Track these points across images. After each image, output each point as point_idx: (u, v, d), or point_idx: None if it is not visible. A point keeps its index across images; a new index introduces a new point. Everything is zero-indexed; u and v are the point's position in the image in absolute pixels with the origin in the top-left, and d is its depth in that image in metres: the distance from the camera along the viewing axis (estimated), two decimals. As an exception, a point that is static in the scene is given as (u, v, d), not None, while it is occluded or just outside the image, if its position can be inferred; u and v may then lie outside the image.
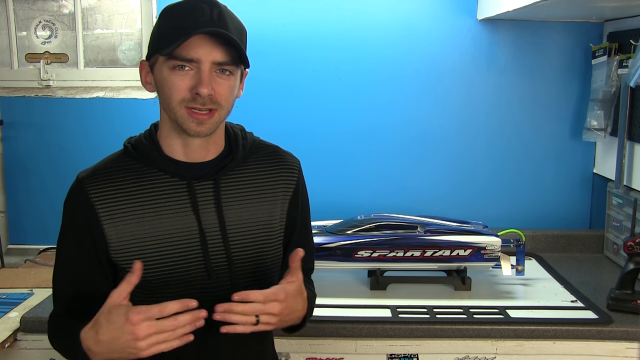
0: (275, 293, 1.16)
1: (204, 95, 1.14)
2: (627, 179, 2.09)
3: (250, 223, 1.28)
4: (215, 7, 1.16)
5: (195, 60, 1.14)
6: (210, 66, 1.15)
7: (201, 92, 1.14)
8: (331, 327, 1.69)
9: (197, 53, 1.13)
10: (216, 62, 1.15)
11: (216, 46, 1.14)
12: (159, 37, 1.17)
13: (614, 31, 2.18)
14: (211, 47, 1.14)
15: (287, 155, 1.37)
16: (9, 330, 1.69)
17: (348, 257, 1.86)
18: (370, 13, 2.27)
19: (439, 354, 1.68)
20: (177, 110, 1.17)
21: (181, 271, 1.23)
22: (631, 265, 1.77)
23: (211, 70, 1.15)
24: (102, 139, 2.28)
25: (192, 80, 1.15)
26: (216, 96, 1.16)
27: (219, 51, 1.15)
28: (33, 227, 2.37)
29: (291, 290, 1.19)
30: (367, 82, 2.30)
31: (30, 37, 2.36)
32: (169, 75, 1.16)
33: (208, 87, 1.14)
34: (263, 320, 1.14)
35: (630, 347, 1.66)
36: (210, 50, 1.14)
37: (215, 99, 1.16)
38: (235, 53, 1.16)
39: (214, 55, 1.14)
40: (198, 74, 1.14)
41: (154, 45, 1.19)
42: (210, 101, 1.16)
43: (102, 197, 1.21)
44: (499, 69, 2.30)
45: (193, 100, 1.15)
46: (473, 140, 2.34)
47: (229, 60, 1.16)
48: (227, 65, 1.16)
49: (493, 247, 1.87)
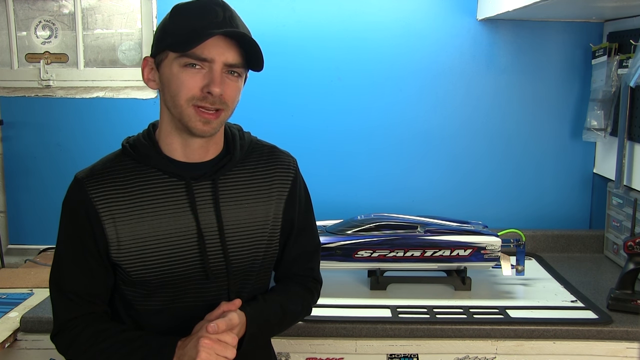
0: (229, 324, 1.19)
1: (216, 95, 1.16)
2: (627, 179, 2.09)
3: (247, 223, 1.28)
4: (227, 10, 1.19)
5: (209, 60, 1.16)
6: (222, 67, 1.17)
7: (213, 91, 1.15)
8: (331, 327, 1.69)
9: (211, 53, 1.15)
10: (228, 64, 1.17)
11: (229, 48, 1.16)
12: (172, 35, 1.17)
13: (614, 31, 2.18)
14: (224, 48, 1.16)
15: (283, 154, 1.37)
16: (9, 330, 1.69)
17: (348, 257, 1.86)
18: (370, 13, 2.27)
19: (439, 354, 1.68)
20: (184, 107, 1.18)
21: (179, 271, 1.24)
22: (631, 265, 1.77)
23: (222, 71, 1.17)
24: (102, 139, 2.28)
25: (203, 79, 1.16)
26: (224, 96, 1.18)
27: (232, 53, 1.17)
28: (33, 227, 2.37)
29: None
30: (367, 82, 2.30)
31: (30, 37, 2.36)
32: (179, 72, 1.17)
33: (220, 86, 1.16)
34: None
35: (630, 347, 1.66)
36: (223, 51, 1.16)
37: (223, 99, 1.18)
38: (244, 56, 1.19)
39: (227, 56, 1.16)
40: (210, 73, 1.16)
41: (164, 42, 1.18)
42: (219, 101, 1.17)
43: (102, 197, 1.21)
44: (499, 69, 2.30)
45: (203, 99, 1.17)
46: (473, 140, 2.34)
47: (239, 62, 1.18)
48: (237, 67, 1.19)
49: (493, 247, 1.87)
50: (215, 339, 1.14)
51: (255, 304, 1.28)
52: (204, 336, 1.14)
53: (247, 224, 1.28)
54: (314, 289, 1.43)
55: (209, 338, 1.13)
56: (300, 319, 1.48)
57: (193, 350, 1.13)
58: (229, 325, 1.17)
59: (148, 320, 1.27)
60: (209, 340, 1.13)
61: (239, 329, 1.20)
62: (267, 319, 1.29)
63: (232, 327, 1.18)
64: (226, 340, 1.15)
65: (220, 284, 1.27)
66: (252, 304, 1.28)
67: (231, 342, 1.16)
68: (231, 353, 1.15)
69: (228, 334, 1.16)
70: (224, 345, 1.14)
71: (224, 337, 1.15)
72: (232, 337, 1.17)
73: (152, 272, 1.22)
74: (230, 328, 1.17)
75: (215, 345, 1.13)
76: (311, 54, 2.28)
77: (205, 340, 1.13)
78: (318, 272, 1.46)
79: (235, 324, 1.19)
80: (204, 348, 1.12)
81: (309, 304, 1.42)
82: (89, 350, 1.21)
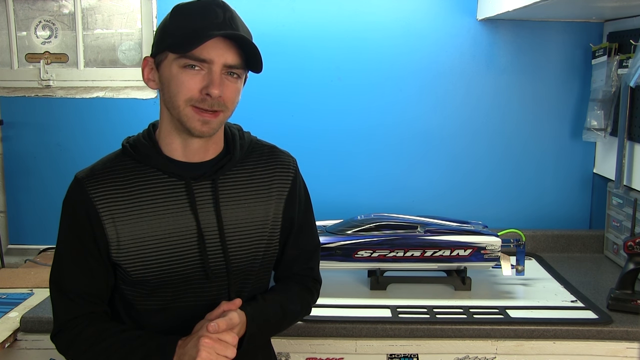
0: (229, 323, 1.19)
1: (215, 97, 1.16)
2: (627, 179, 2.09)
3: (247, 223, 1.28)
4: (228, 10, 1.18)
5: (208, 61, 1.15)
6: (221, 68, 1.16)
7: (212, 92, 1.15)
8: (331, 327, 1.69)
9: (211, 54, 1.15)
10: (227, 65, 1.17)
11: (229, 49, 1.16)
12: (171, 36, 1.17)
13: (614, 31, 2.18)
14: (224, 50, 1.16)
15: (282, 154, 1.37)
16: (9, 330, 1.69)
17: (348, 257, 1.86)
18: (370, 13, 2.27)
19: (439, 354, 1.68)
20: (182, 108, 1.17)
21: (179, 270, 1.24)
22: (631, 265, 1.77)
23: (221, 72, 1.17)
24: (102, 139, 2.28)
25: (202, 80, 1.16)
26: (223, 98, 1.18)
27: (231, 54, 1.17)
28: (33, 227, 2.37)
29: None
30: (367, 82, 2.30)
31: (30, 37, 2.36)
32: (178, 73, 1.17)
33: (219, 88, 1.16)
34: None
35: (630, 347, 1.66)
36: (223, 53, 1.16)
37: (222, 100, 1.18)
38: (244, 57, 1.18)
39: (226, 57, 1.16)
40: (209, 75, 1.16)
41: (164, 42, 1.18)
42: (217, 103, 1.17)
43: (103, 197, 1.21)
44: (499, 69, 2.30)
45: (202, 101, 1.17)
46: (473, 140, 2.34)
47: (239, 63, 1.18)
48: (237, 68, 1.18)
49: (493, 247, 1.87)
50: (216, 338, 1.14)
51: (255, 303, 1.29)
52: (204, 335, 1.14)
53: (247, 223, 1.28)
54: (314, 288, 1.44)
55: (209, 337, 1.14)
56: (300, 319, 1.49)
57: (193, 349, 1.13)
58: (229, 325, 1.17)
59: (148, 320, 1.27)
60: (210, 339, 1.13)
61: (239, 329, 1.20)
62: (267, 318, 1.29)
63: (232, 327, 1.18)
64: (227, 339, 1.15)
65: (221, 283, 1.27)
66: (252, 304, 1.28)
67: (231, 341, 1.16)
68: (231, 352, 1.15)
69: (228, 334, 1.16)
70: (225, 345, 1.14)
71: (225, 337, 1.15)
72: (233, 336, 1.17)
73: (152, 271, 1.22)
74: (230, 327, 1.17)
75: (216, 344, 1.13)
76: (311, 54, 2.28)
77: (206, 340, 1.13)
78: (318, 271, 1.47)
79: (235, 324, 1.19)
80: (204, 347, 1.12)
81: (308, 303, 1.42)
82: (89, 350, 1.21)
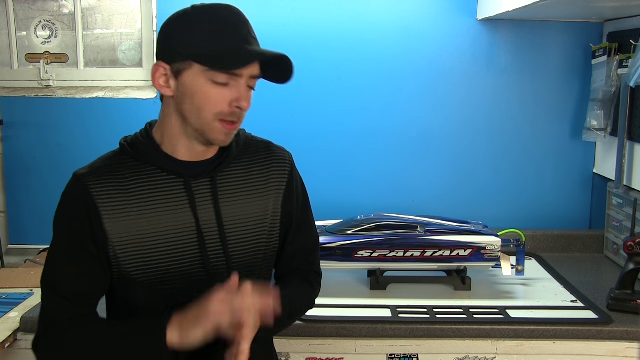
0: None
1: (245, 109, 1.18)
2: (627, 179, 2.09)
3: (246, 219, 1.28)
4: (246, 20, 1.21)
5: (239, 75, 1.17)
6: (248, 80, 1.19)
7: (243, 106, 1.18)
8: (331, 327, 1.69)
9: (243, 71, 1.17)
10: (253, 76, 1.19)
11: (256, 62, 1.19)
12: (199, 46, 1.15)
13: (614, 31, 2.18)
14: (255, 65, 1.18)
15: (278, 149, 1.38)
16: (9, 330, 1.69)
17: (348, 257, 1.86)
18: (370, 13, 2.27)
19: (439, 354, 1.68)
20: (210, 121, 1.18)
21: (179, 268, 1.24)
22: (631, 265, 1.77)
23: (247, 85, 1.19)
24: (102, 139, 2.27)
25: (231, 94, 1.17)
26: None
27: (257, 66, 1.19)
28: (33, 227, 2.37)
29: None
30: (367, 82, 2.30)
31: (30, 37, 2.36)
32: (208, 87, 1.16)
33: (249, 101, 1.19)
34: None
35: (630, 347, 1.66)
36: (253, 67, 1.18)
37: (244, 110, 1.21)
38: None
39: (253, 70, 1.19)
40: (237, 88, 1.17)
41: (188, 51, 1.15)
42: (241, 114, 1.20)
43: (103, 194, 1.21)
44: (499, 69, 2.30)
45: (231, 114, 1.18)
46: (473, 140, 2.34)
47: (259, 74, 1.21)
48: (257, 79, 1.21)
49: (493, 247, 1.87)
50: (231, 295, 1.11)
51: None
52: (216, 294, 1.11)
53: (246, 219, 1.28)
54: (315, 281, 1.44)
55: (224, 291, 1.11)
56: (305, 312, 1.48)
57: (200, 309, 1.11)
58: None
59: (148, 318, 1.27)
60: (225, 293, 1.11)
61: None
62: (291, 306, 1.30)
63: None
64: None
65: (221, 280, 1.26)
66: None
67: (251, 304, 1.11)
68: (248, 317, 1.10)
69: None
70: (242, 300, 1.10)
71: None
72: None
73: (151, 269, 1.22)
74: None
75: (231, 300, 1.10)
76: (311, 54, 2.28)
77: (220, 294, 1.11)
78: (318, 265, 1.47)
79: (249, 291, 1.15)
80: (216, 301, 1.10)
81: (313, 297, 1.43)
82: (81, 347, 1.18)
